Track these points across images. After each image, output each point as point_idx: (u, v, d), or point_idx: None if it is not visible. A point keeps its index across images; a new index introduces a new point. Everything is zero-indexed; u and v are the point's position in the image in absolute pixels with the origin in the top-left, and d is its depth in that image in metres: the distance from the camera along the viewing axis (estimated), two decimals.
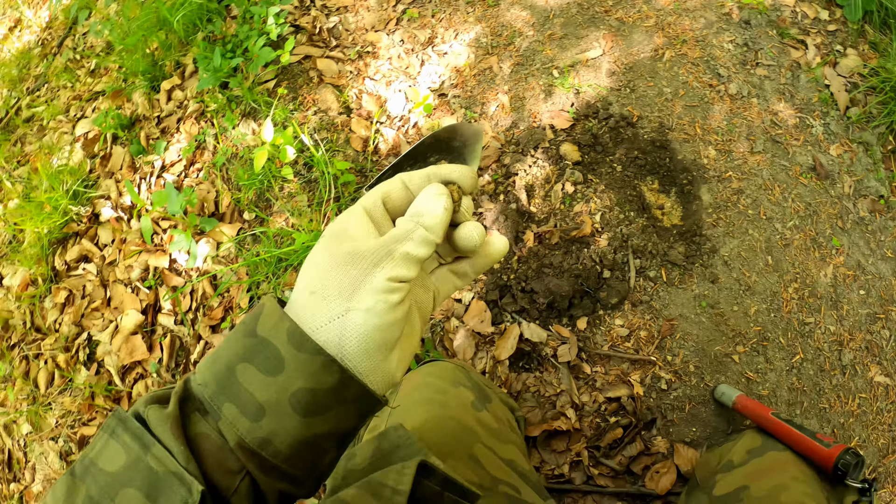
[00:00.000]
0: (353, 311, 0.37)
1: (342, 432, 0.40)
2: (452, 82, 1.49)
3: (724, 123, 1.39)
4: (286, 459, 0.38)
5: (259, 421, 0.37)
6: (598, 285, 1.27)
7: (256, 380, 0.37)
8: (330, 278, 0.38)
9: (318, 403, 0.37)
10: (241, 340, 0.39)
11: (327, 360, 0.36)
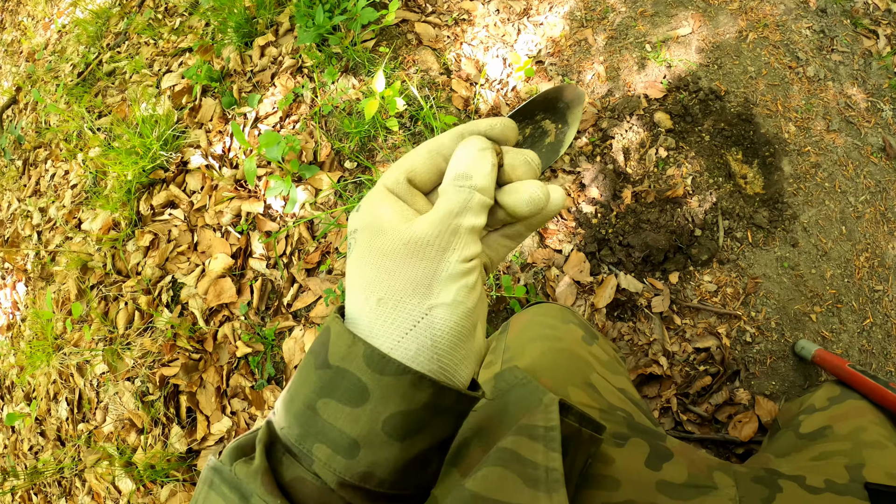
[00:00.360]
0: (436, 308, 0.34)
1: (443, 440, 0.38)
2: (549, 51, 1.57)
3: (803, 103, 1.49)
4: (391, 486, 0.36)
5: (356, 456, 0.34)
6: (689, 242, 1.36)
7: (342, 414, 0.34)
8: (395, 278, 0.35)
9: (414, 423, 0.34)
10: (314, 374, 0.36)
11: (415, 377, 0.33)
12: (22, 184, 1.81)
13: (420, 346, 0.34)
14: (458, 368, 0.36)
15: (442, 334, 0.34)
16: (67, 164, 1.75)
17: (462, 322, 0.35)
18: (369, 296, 0.35)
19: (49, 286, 1.67)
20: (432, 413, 0.35)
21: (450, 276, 0.34)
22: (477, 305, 0.36)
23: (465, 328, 0.35)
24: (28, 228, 1.74)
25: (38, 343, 1.60)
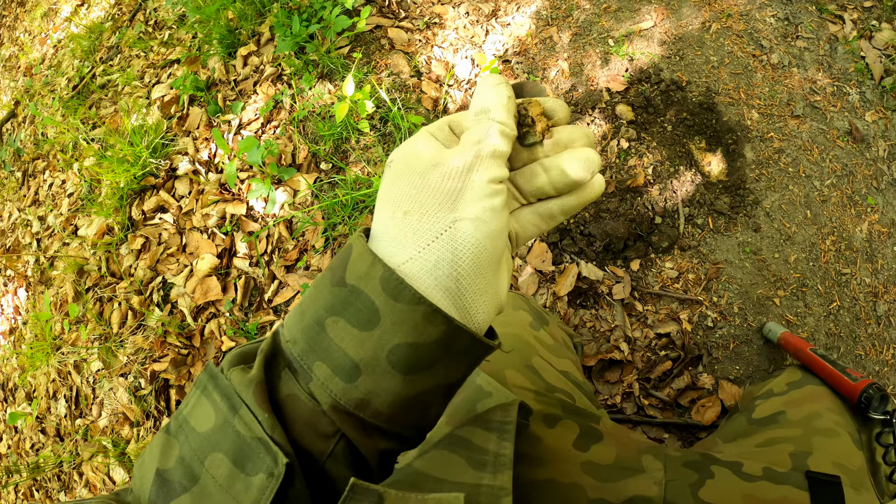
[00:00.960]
0: (460, 221, 0.34)
1: (450, 384, 0.37)
2: (515, 50, 1.62)
3: (767, 90, 1.51)
4: (387, 419, 0.35)
5: (354, 381, 0.33)
6: (650, 230, 1.38)
7: (349, 335, 0.33)
8: (424, 194, 0.35)
9: (421, 359, 0.33)
10: (329, 290, 0.35)
11: (429, 310, 0.32)
12: (21, 194, 1.92)
13: (440, 258, 0.33)
14: (475, 301, 0.35)
15: (464, 249, 0.33)
16: (64, 173, 1.85)
17: (485, 243, 0.34)
18: (396, 209, 0.35)
19: (48, 290, 1.76)
20: (442, 352, 0.34)
21: (475, 194, 0.34)
22: (503, 232, 0.35)
23: (488, 251, 0.34)
24: (28, 236, 1.84)
25: (38, 344, 1.69)
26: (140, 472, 0.37)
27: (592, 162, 0.38)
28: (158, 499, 0.34)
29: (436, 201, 0.34)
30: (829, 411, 0.87)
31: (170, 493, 0.34)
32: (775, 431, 0.86)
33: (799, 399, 0.96)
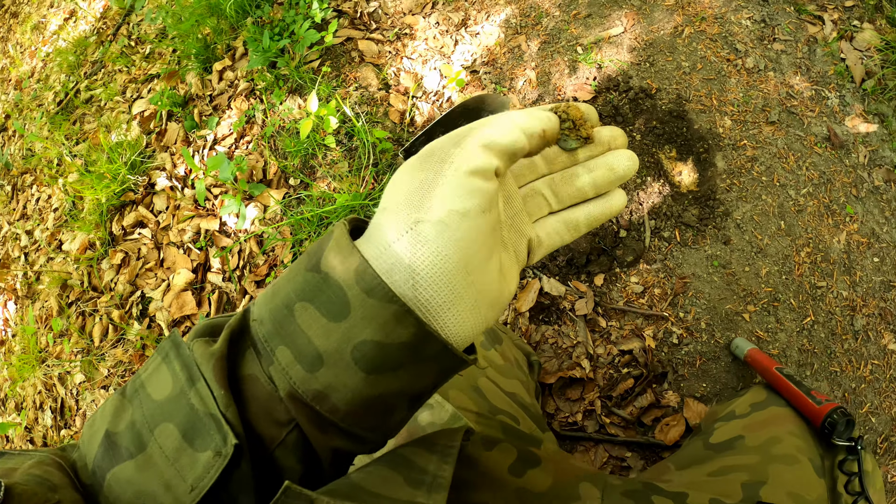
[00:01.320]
0: (422, 223, 0.31)
1: (416, 392, 0.35)
2: (484, 60, 1.59)
3: (741, 95, 1.46)
4: (344, 417, 0.34)
5: (315, 372, 0.32)
6: (614, 244, 1.35)
7: (316, 324, 0.32)
8: (399, 186, 0.33)
9: (387, 359, 0.32)
10: (302, 274, 0.34)
11: (401, 310, 0.31)
12: (11, 208, 1.97)
13: (396, 262, 0.31)
14: (442, 313, 0.32)
15: (421, 255, 0.31)
16: (50, 188, 1.89)
17: (448, 251, 0.31)
18: (380, 207, 0.34)
19: (34, 304, 1.81)
20: (410, 356, 0.32)
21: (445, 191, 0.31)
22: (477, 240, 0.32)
23: (451, 260, 0.31)
24: (17, 250, 1.89)
25: (25, 356, 1.74)
26: (90, 431, 0.36)
27: (635, 159, 0.39)
28: (104, 461, 0.34)
29: (404, 198, 0.32)
30: (790, 436, 0.84)
31: (115, 456, 0.33)
32: (731, 458, 0.83)
33: (760, 422, 0.92)
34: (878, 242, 1.38)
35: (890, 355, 1.32)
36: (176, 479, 0.32)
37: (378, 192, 1.46)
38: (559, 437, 1.27)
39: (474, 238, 0.32)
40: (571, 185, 0.39)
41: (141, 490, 0.32)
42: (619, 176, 0.39)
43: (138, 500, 0.32)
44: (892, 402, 1.30)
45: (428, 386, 0.35)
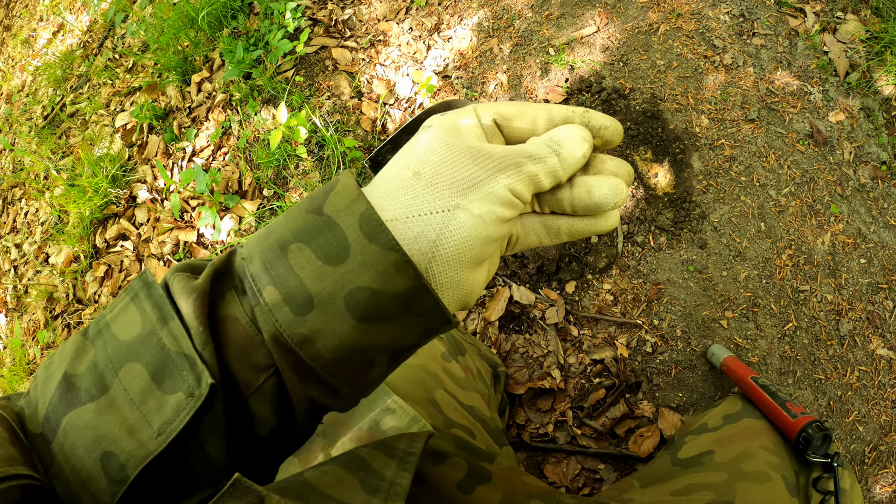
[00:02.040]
0: (461, 210, 0.32)
1: (399, 348, 0.35)
2: (456, 65, 1.57)
3: (718, 93, 1.41)
4: (326, 365, 0.33)
5: (305, 315, 0.31)
6: (585, 250, 1.32)
7: (311, 265, 0.31)
8: (445, 166, 0.33)
9: (380, 308, 0.32)
10: (302, 216, 0.33)
11: (402, 259, 0.31)
12: (1, 221, 2.00)
13: (422, 233, 0.32)
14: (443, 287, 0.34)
15: (450, 237, 0.32)
16: (37, 202, 1.92)
17: (473, 242, 0.33)
18: (408, 167, 0.34)
19: (23, 316, 1.83)
20: (402, 309, 0.32)
21: (492, 193, 0.33)
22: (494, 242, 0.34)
23: (472, 251, 0.33)
24: (7, 263, 1.92)
25: (14, 369, 1.76)
26: (45, 374, 0.34)
27: (619, 193, 0.38)
28: (60, 405, 0.32)
29: (450, 179, 0.33)
30: (763, 451, 0.80)
31: (73, 399, 0.31)
32: (697, 476, 0.80)
33: (732, 436, 0.89)
34: (864, 243, 1.32)
35: (878, 360, 1.26)
36: (141, 422, 0.30)
37: None
38: (530, 449, 1.24)
39: (492, 242, 0.34)
40: (552, 194, 0.39)
41: (101, 435, 0.30)
42: (594, 202, 0.37)
43: (97, 445, 0.30)
44: (881, 410, 1.24)
45: (410, 343, 0.35)
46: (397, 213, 0.32)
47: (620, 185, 0.38)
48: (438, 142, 0.35)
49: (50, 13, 2.20)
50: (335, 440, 0.70)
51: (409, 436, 0.51)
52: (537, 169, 0.34)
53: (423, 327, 0.34)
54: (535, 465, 1.24)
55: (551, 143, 0.36)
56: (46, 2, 2.22)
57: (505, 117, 0.39)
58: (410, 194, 0.33)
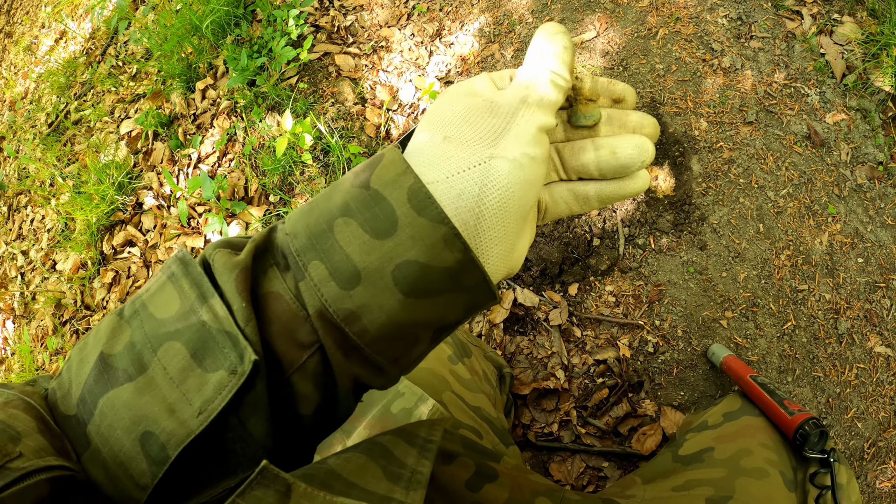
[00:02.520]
0: (497, 159, 0.33)
1: (444, 324, 0.35)
2: (458, 70, 1.59)
3: (717, 96, 1.43)
4: (372, 342, 0.33)
5: (351, 289, 0.31)
6: (587, 252, 1.34)
7: (358, 240, 0.31)
8: (468, 125, 0.34)
9: (427, 282, 0.31)
10: (348, 190, 0.33)
11: (451, 232, 0.31)
12: (7, 228, 2.02)
13: (465, 189, 0.32)
14: (490, 247, 0.33)
15: (493, 186, 0.32)
16: (43, 209, 1.94)
17: (515, 188, 0.33)
18: (436, 133, 0.34)
19: (31, 323, 1.85)
20: (449, 283, 0.32)
21: (517, 136, 0.33)
22: (536, 184, 0.34)
23: (516, 197, 0.33)
24: (14, 270, 1.94)
25: (23, 374, 1.78)
26: (80, 356, 0.33)
27: (645, 151, 0.38)
28: (97, 385, 0.31)
29: (477, 134, 0.33)
30: (761, 447, 0.82)
31: (111, 380, 0.31)
32: (698, 472, 0.82)
33: (731, 433, 0.91)
34: (861, 242, 1.34)
35: (876, 358, 1.29)
36: (181, 402, 0.30)
37: None
38: (535, 448, 1.27)
39: (536, 182, 0.34)
40: (577, 159, 0.39)
41: (140, 415, 0.30)
42: (620, 163, 0.38)
43: (136, 426, 0.30)
44: (879, 406, 1.27)
45: (455, 319, 0.35)
46: (437, 175, 0.32)
47: (645, 142, 0.38)
48: (457, 103, 0.35)
49: (52, 20, 2.21)
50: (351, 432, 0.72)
51: (428, 422, 0.51)
52: (540, 90, 0.34)
53: (468, 302, 0.34)
54: (541, 463, 1.27)
55: (534, 59, 0.36)
56: (48, 9, 2.24)
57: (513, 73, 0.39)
58: (445, 157, 0.33)
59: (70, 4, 2.14)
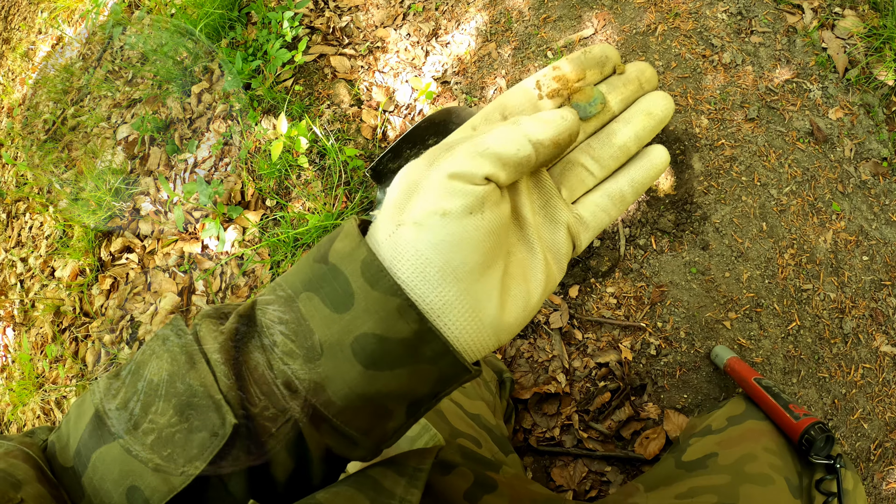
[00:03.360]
0: (403, 226, 0.31)
1: (415, 398, 0.34)
2: (454, 70, 1.57)
3: (718, 93, 1.41)
4: (339, 413, 0.33)
5: (314, 362, 0.32)
6: (588, 254, 1.32)
7: (320, 314, 0.32)
8: (393, 188, 0.33)
9: (386, 354, 0.31)
10: (310, 266, 0.33)
11: (404, 303, 0.30)
12: (6, 235, 2.02)
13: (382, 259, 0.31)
14: (441, 314, 0.31)
15: (403, 255, 0.31)
16: (42, 216, 1.93)
17: (427, 254, 0.30)
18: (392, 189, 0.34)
19: (30, 330, 1.85)
20: (409, 354, 0.31)
21: (426, 193, 0.31)
22: (462, 244, 0.30)
23: (433, 264, 0.30)
24: (13, 277, 1.93)
25: (23, 382, 1.78)
26: (77, 411, 0.35)
27: (670, 100, 0.36)
28: (91, 440, 0.33)
29: (394, 198, 0.32)
30: (766, 452, 0.81)
31: (104, 436, 0.33)
32: (701, 479, 0.81)
33: (735, 438, 0.90)
34: (866, 240, 1.32)
35: (882, 357, 1.27)
36: (166, 459, 0.32)
37: (350, 211, 1.46)
38: (537, 453, 1.25)
39: (457, 242, 0.30)
40: (611, 145, 0.37)
41: (128, 470, 0.32)
42: (659, 120, 0.36)
43: (124, 480, 0.32)
44: (886, 407, 1.25)
45: (427, 393, 0.34)
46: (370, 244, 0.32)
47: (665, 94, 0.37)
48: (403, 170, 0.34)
49: (48, 26, 2.21)
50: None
51: (419, 451, 0.51)
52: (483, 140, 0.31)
53: (436, 375, 0.33)
54: (543, 468, 1.25)
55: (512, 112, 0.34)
56: (45, 14, 2.23)
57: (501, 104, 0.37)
58: (374, 230, 0.33)
59: (66, 10, 2.13)
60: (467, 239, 0.30)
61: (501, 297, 0.33)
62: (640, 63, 0.39)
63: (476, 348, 0.33)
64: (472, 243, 0.31)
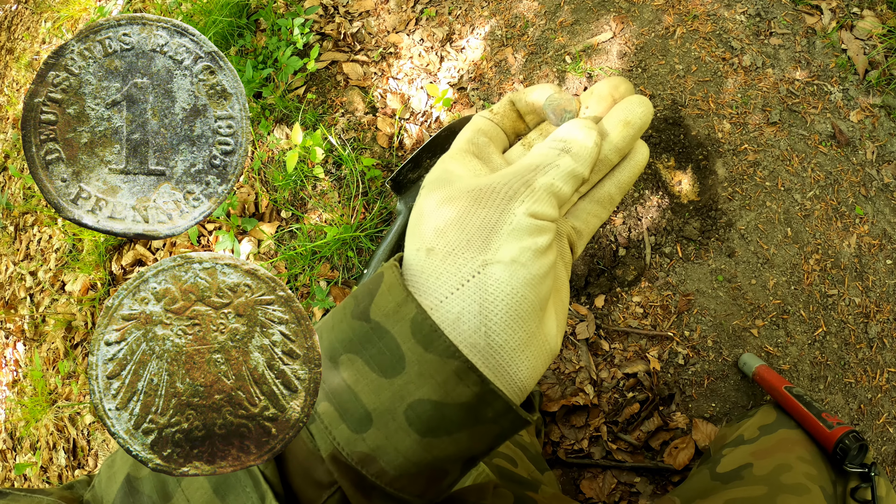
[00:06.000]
0: (492, 265, 0.29)
1: (472, 455, 0.32)
2: (471, 76, 1.55)
3: (739, 96, 1.40)
4: (392, 482, 0.30)
5: (362, 432, 0.29)
6: (613, 263, 1.31)
7: (365, 379, 0.29)
8: (451, 227, 0.30)
9: (444, 420, 0.29)
10: (349, 323, 0.31)
11: (463, 366, 0.28)
12: (14, 248, 1.99)
13: (464, 308, 0.29)
14: (515, 357, 0.30)
15: (494, 300, 0.28)
16: (50, 229, 1.90)
17: (523, 291, 0.29)
18: (420, 246, 0.31)
19: (42, 346, 1.83)
20: (469, 417, 0.29)
21: (513, 230, 0.29)
22: (546, 277, 0.30)
23: (528, 300, 0.29)
24: (22, 291, 1.91)
25: (36, 399, 1.76)
26: (108, 472, 0.34)
27: (647, 104, 0.35)
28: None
29: (464, 237, 0.30)
30: (800, 462, 0.82)
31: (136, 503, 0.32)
32: (738, 490, 0.81)
33: (769, 448, 0.90)
34: (890, 243, 1.31)
35: None
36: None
37: (369, 222, 1.44)
38: (565, 465, 1.25)
39: (544, 275, 0.30)
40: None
41: None
42: (637, 128, 0.34)
43: None
44: None
45: (483, 449, 0.32)
46: (431, 301, 0.29)
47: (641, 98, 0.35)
48: (435, 202, 0.32)
49: (52, 36, 2.17)
50: None
51: (478, 488, 0.50)
52: (551, 178, 0.30)
53: (496, 432, 0.31)
54: (572, 480, 1.25)
55: (556, 142, 0.32)
56: (48, 24, 2.19)
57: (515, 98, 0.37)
58: (434, 275, 0.30)
59: (70, 19, 2.09)
60: (549, 272, 0.31)
61: (557, 318, 0.33)
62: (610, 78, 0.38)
63: (536, 377, 0.31)
64: (550, 275, 0.31)
